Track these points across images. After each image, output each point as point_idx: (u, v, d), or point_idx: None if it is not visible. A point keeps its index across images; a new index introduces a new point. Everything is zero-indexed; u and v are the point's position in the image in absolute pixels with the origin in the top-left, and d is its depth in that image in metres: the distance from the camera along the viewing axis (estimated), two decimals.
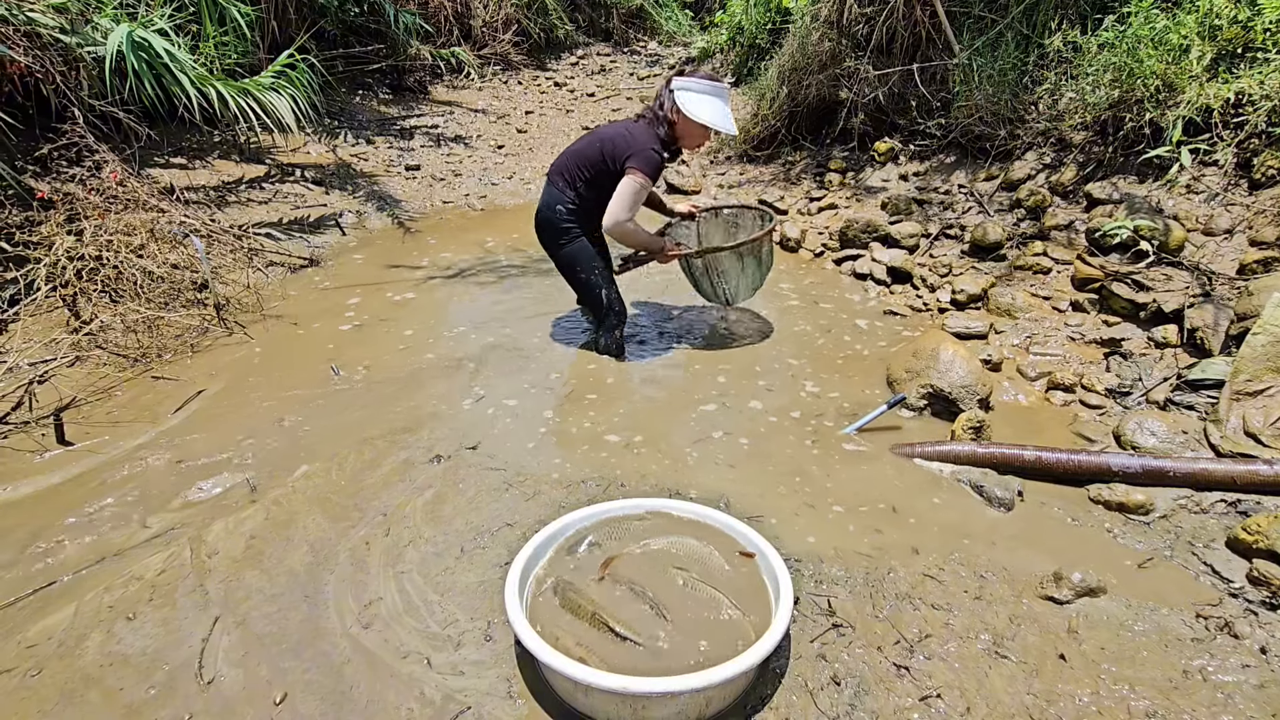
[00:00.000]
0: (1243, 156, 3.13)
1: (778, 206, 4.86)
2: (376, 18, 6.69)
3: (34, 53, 3.48)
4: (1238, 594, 1.76)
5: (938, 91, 4.53)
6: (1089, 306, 3.12)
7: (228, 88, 4.16)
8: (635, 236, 2.70)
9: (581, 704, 1.41)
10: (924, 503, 2.11)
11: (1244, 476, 2.05)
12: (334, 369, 2.94)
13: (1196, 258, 2.98)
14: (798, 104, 5.22)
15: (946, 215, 4.07)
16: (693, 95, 2.63)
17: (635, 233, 2.68)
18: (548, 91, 7.78)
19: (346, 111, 6.36)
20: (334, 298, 3.72)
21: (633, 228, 2.65)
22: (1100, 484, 2.17)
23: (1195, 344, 2.67)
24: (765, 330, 3.38)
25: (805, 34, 4.99)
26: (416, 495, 2.13)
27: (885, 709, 1.44)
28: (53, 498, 2.15)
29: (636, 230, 2.68)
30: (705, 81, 2.65)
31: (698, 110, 2.61)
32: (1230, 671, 1.52)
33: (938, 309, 3.50)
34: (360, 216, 4.94)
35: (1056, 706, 1.44)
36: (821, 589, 1.76)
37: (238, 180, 4.76)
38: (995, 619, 1.67)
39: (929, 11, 4.40)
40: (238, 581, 1.79)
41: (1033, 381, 2.84)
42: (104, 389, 2.77)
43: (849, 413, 2.61)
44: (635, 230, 2.67)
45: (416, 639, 1.61)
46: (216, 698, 1.48)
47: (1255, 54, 3.10)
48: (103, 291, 3.20)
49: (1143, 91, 3.31)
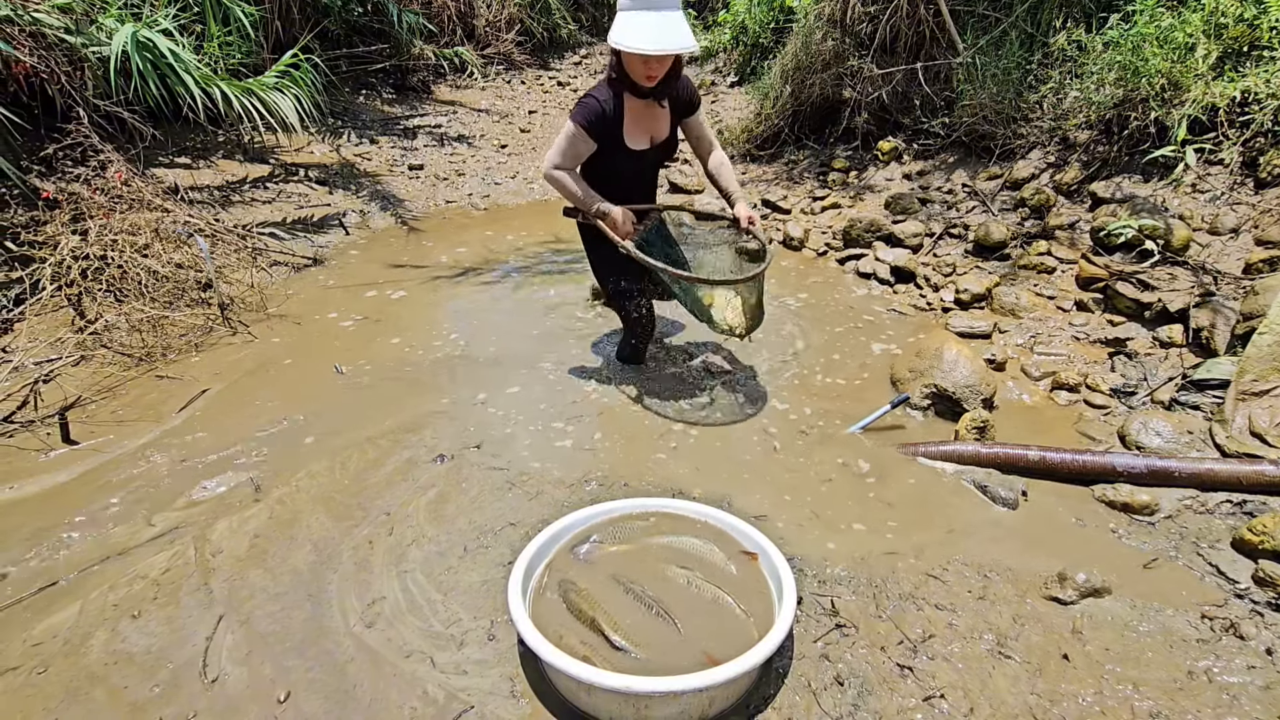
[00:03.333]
0: (1248, 155, 3.12)
1: (781, 205, 4.85)
2: (380, 17, 6.69)
3: (39, 53, 3.49)
4: (1243, 595, 1.75)
5: (941, 90, 4.51)
6: (1093, 306, 3.11)
7: (232, 87, 4.17)
8: (563, 187, 2.38)
9: (584, 703, 1.41)
10: (928, 503, 2.10)
11: (1249, 477, 2.04)
12: (337, 368, 2.95)
13: (1202, 257, 2.96)
14: (801, 103, 5.21)
15: (950, 214, 4.06)
16: (619, 15, 2.16)
17: (563, 183, 2.37)
18: (551, 91, 7.78)
19: (350, 111, 6.36)
20: (337, 297, 3.73)
21: (559, 176, 2.35)
22: (1105, 484, 2.16)
23: (1200, 344, 2.66)
24: (767, 330, 3.37)
25: (809, 33, 4.99)
26: (420, 494, 2.13)
27: (888, 709, 1.44)
28: (58, 496, 2.16)
29: (564, 181, 2.36)
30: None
31: (617, 34, 2.14)
32: (1236, 672, 1.52)
33: (941, 308, 3.49)
34: (364, 216, 4.95)
35: (1060, 707, 1.44)
36: (825, 589, 1.76)
37: (242, 180, 4.77)
38: (999, 619, 1.66)
39: (933, 10, 4.38)
40: (242, 580, 1.80)
41: (1037, 381, 2.84)
42: (109, 388, 2.78)
43: (853, 412, 2.61)
44: (563, 181, 2.36)
45: (419, 638, 1.62)
46: (220, 696, 1.48)
47: (1261, 52, 3.09)
48: (107, 291, 3.21)
49: (1147, 90, 3.29)
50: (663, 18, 2.10)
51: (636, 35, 2.10)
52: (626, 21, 2.12)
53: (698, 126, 2.59)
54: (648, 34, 2.09)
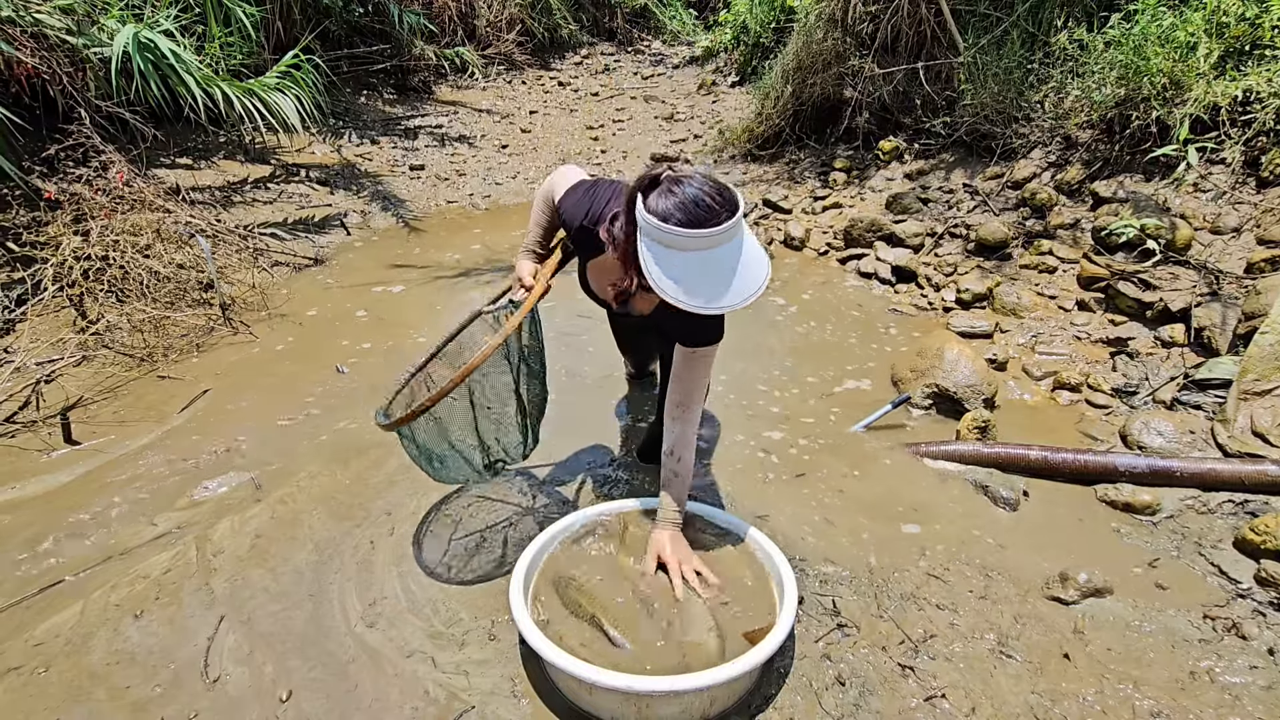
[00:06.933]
0: (1250, 154, 3.11)
1: (782, 205, 4.85)
2: (381, 18, 6.70)
3: (41, 54, 3.50)
4: (1245, 595, 1.75)
5: (942, 90, 4.51)
6: (1095, 306, 3.11)
7: (233, 88, 4.17)
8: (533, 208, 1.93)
9: (586, 702, 1.41)
10: (929, 502, 2.10)
11: (1252, 477, 2.04)
12: (339, 367, 2.95)
13: (1204, 256, 2.96)
14: (802, 103, 5.20)
15: (951, 214, 4.05)
16: (656, 239, 1.32)
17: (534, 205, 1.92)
18: (552, 91, 7.78)
19: (351, 112, 6.37)
20: (339, 297, 3.73)
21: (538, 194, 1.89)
22: (1107, 484, 2.15)
23: (1202, 343, 2.66)
24: (768, 330, 3.37)
25: (810, 32, 4.98)
26: (421, 494, 2.13)
27: (890, 709, 1.44)
28: (60, 497, 2.16)
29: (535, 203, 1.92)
30: (675, 232, 1.29)
31: (660, 268, 1.32)
32: (1238, 673, 1.52)
33: (943, 308, 3.48)
34: (365, 216, 4.95)
35: (1061, 706, 1.43)
36: (826, 589, 1.76)
37: (243, 180, 4.78)
38: (1000, 619, 1.66)
39: (934, 9, 4.38)
40: (243, 580, 1.80)
41: (1038, 381, 2.83)
42: (110, 388, 2.79)
43: (854, 412, 2.60)
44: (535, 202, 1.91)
45: (421, 638, 1.62)
46: (222, 696, 1.48)
47: (1263, 51, 3.08)
48: (109, 291, 3.22)
49: (1149, 89, 3.29)
50: (722, 255, 1.32)
51: (696, 289, 1.31)
52: (670, 256, 1.31)
53: (683, 365, 1.65)
54: (708, 286, 1.31)
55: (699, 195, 1.30)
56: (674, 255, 1.31)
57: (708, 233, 1.28)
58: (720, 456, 2.35)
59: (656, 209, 1.31)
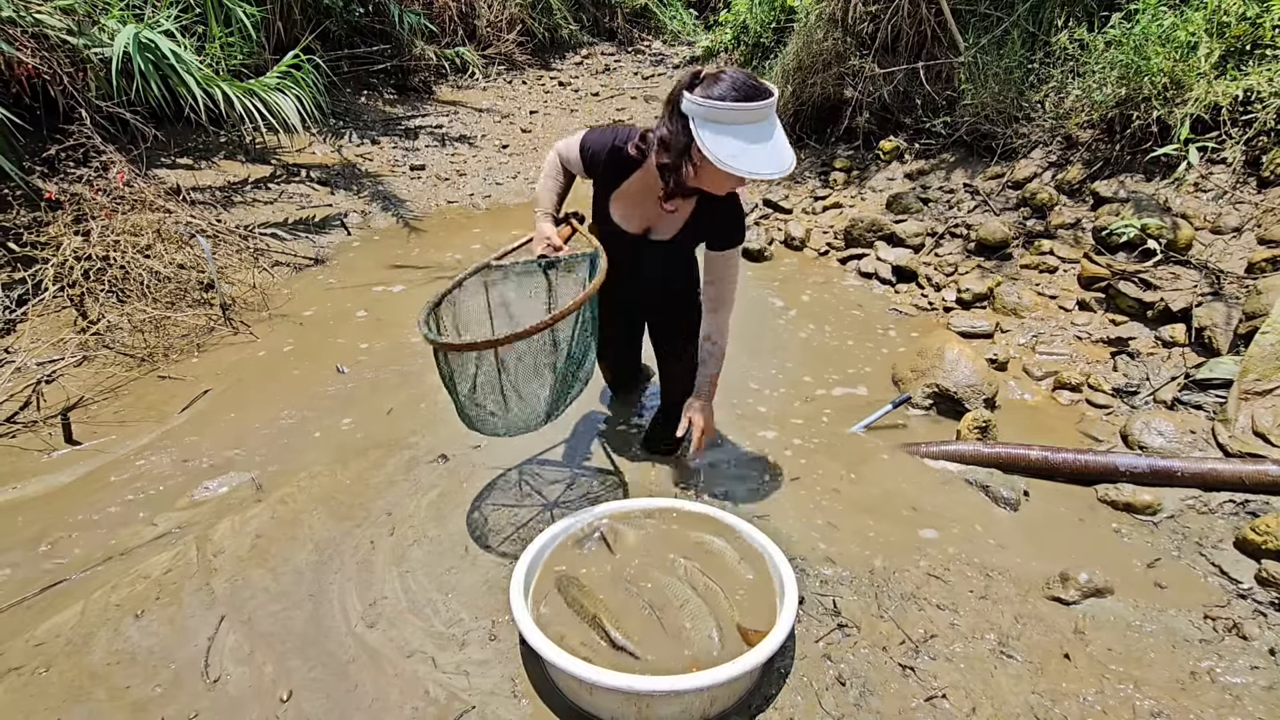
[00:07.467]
0: (1251, 154, 3.11)
1: (782, 205, 4.84)
2: (381, 18, 6.70)
3: (41, 54, 3.50)
4: (1246, 595, 1.75)
5: (943, 90, 4.51)
6: (1096, 305, 3.11)
7: (233, 88, 4.17)
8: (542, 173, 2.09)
9: (586, 702, 1.41)
10: (929, 503, 2.10)
11: (1253, 477, 2.04)
12: (339, 367, 2.95)
13: (1204, 256, 2.96)
14: (803, 103, 5.20)
15: (952, 214, 4.05)
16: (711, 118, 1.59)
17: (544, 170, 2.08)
18: (552, 91, 7.78)
19: (351, 112, 6.37)
20: (339, 297, 3.73)
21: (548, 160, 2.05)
22: (1107, 484, 2.15)
23: (1203, 343, 2.65)
24: (768, 330, 3.37)
25: (810, 32, 4.98)
26: (421, 494, 2.13)
27: (890, 709, 1.44)
28: (60, 497, 2.16)
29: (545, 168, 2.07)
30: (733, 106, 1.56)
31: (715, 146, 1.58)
32: (1239, 673, 1.51)
33: (943, 308, 3.48)
34: (365, 216, 4.95)
35: (1062, 706, 1.43)
36: (826, 589, 1.76)
37: (243, 180, 4.78)
38: (1001, 619, 1.66)
39: (934, 9, 4.38)
40: (243, 580, 1.80)
41: (1039, 381, 2.83)
42: (111, 388, 2.79)
43: (854, 412, 2.60)
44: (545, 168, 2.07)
45: (421, 638, 1.62)
46: (222, 696, 1.48)
47: (1264, 51, 3.08)
48: (110, 291, 3.22)
49: (1150, 89, 3.29)
50: (764, 129, 1.60)
51: (750, 158, 1.57)
52: (722, 131, 1.57)
53: (717, 267, 1.94)
54: (760, 155, 1.58)
55: (743, 77, 1.58)
56: (726, 132, 1.57)
57: (757, 105, 1.55)
58: (719, 458, 2.35)
59: (711, 93, 1.56)
